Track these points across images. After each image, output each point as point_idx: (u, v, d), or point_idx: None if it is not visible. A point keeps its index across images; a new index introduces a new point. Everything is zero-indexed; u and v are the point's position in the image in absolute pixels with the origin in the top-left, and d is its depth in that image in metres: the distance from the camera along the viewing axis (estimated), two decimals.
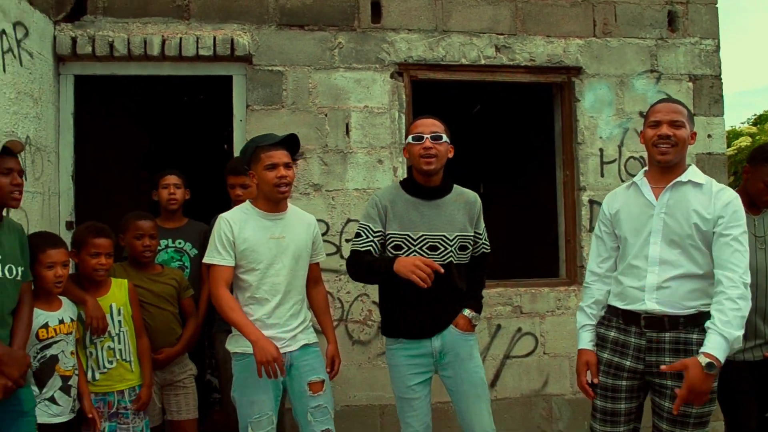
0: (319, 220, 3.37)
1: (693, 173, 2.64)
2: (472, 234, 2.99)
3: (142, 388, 3.20)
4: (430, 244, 2.87)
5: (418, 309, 2.86)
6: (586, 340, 2.76)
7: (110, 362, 3.11)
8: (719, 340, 2.37)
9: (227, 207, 3.66)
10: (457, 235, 2.91)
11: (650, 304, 2.57)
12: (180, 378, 3.46)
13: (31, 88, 3.60)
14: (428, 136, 2.86)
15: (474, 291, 3.03)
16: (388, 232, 2.91)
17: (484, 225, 3.07)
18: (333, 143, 4.08)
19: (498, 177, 7.96)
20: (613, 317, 2.71)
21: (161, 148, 7.42)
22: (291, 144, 2.98)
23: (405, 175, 4.15)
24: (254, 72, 4.04)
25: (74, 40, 3.88)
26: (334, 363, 3.09)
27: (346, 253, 4.01)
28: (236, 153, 4.05)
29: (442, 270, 2.70)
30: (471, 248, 2.99)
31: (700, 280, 2.56)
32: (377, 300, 4.02)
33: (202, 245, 3.75)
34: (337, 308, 4.01)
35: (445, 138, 2.90)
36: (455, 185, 3.04)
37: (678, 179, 2.62)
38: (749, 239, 2.66)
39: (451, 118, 3.35)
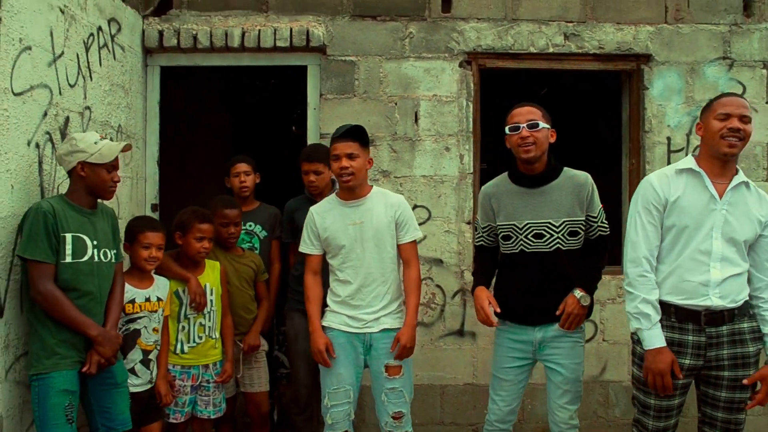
0: None
1: (743, 175, 2.75)
2: (584, 218, 2.97)
3: (225, 362, 3.49)
4: (535, 231, 2.96)
5: (524, 296, 2.99)
6: (662, 337, 2.67)
7: (200, 337, 3.40)
8: None
9: (299, 189, 3.88)
10: (565, 221, 2.95)
11: (715, 299, 2.64)
12: (253, 353, 3.72)
13: (122, 80, 3.87)
14: (524, 125, 2.91)
15: (586, 273, 2.99)
16: (497, 224, 3.04)
17: (600, 206, 3.03)
18: (402, 131, 4.23)
19: (566, 163, 7.93)
20: (663, 314, 2.71)
21: (242, 130, 7.69)
22: (358, 134, 3.12)
23: (471, 163, 4.27)
24: (328, 62, 4.21)
25: (161, 33, 4.14)
26: (399, 343, 3.09)
27: None
28: (309, 140, 4.26)
29: (495, 322, 2.95)
30: (583, 232, 2.99)
31: (745, 276, 2.71)
32: (440, 284, 4.22)
33: (272, 227, 3.99)
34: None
35: (542, 124, 2.92)
36: (565, 168, 3.04)
37: (739, 179, 2.71)
38: None
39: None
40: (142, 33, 4.14)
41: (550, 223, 2.94)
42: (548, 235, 2.95)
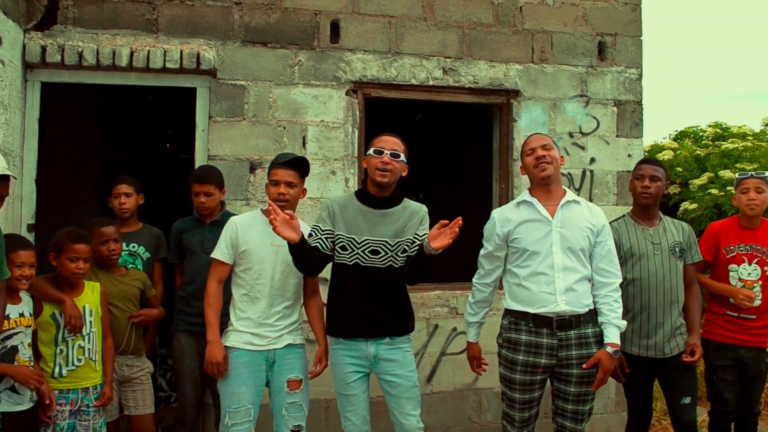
0: None
1: (572, 195, 3.24)
2: (412, 237, 3.24)
3: (105, 385, 3.43)
4: (372, 248, 3.19)
5: (355, 313, 3.20)
6: (475, 335, 3.46)
7: (79, 360, 3.33)
8: (614, 331, 3.12)
9: (185, 209, 3.91)
10: (399, 241, 3.22)
11: (562, 305, 3.09)
12: (138, 375, 3.72)
13: (1, 95, 3.75)
14: (388, 152, 3.17)
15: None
16: (337, 233, 3.21)
17: (427, 232, 3.26)
18: None
19: (439, 186, 8.35)
20: (521, 321, 3.18)
21: (114, 148, 7.48)
22: (300, 165, 3.33)
23: (356, 186, 4.48)
24: (218, 85, 4.28)
25: (44, 48, 4.03)
26: (321, 363, 3.38)
27: None
28: (198, 161, 4.30)
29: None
30: (409, 250, 3.24)
31: (588, 282, 3.18)
32: (326, 303, 4.38)
33: (155, 249, 3.99)
34: None
35: (402, 157, 3.22)
36: (406, 199, 3.34)
37: (566, 199, 3.20)
38: (648, 247, 3.48)
39: (398, 126, 3.67)
40: (23, 47, 4.02)
41: (386, 242, 3.21)
42: (383, 252, 3.20)
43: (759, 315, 3.73)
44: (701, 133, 8.74)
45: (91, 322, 3.39)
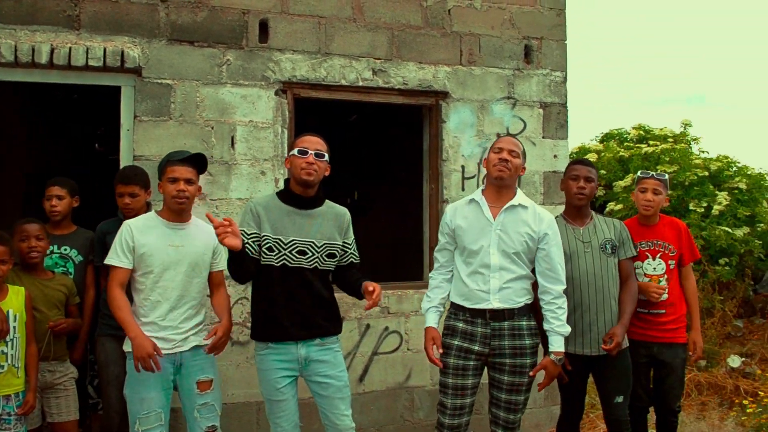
0: None
1: (521, 198, 3.31)
2: (341, 243, 3.31)
3: (28, 393, 3.34)
4: (299, 248, 3.20)
5: (284, 314, 3.18)
6: (432, 320, 3.38)
7: (1, 366, 3.23)
8: (559, 339, 3.25)
9: (109, 210, 3.83)
10: (325, 243, 3.25)
11: (495, 303, 3.21)
12: (61, 380, 3.62)
13: None
14: (312, 152, 3.19)
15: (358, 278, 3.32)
16: (263, 234, 3.19)
17: (353, 237, 3.42)
18: (219, 155, 4.33)
19: (373, 186, 8.40)
20: (460, 312, 3.31)
21: (40, 148, 7.26)
22: (198, 162, 3.28)
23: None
24: (143, 84, 4.20)
25: None
26: (217, 332, 3.20)
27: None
28: (123, 161, 4.21)
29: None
30: (338, 256, 3.32)
31: (526, 280, 3.28)
32: None
33: (87, 252, 3.90)
34: None
35: (326, 157, 3.25)
36: (327, 200, 3.36)
37: (511, 203, 3.27)
38: (578, 246, 3.54)
39: (330, 127, 3.68)
40: None
41: (313, 242, 3.23)
42: (310, 253, 3.23)
43: (668, 309, 3.82)
44: (625, 135, 9.04)
45: (14, 327, 3.30)
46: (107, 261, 3.21)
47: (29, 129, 7.31)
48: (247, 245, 3.12)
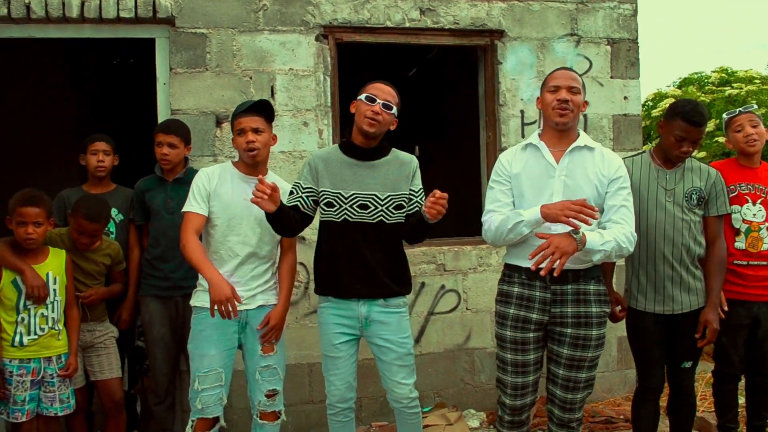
0: None
1: (586, 139, 2.88)
2: (407, 192, 3.03)
3: (70, 356, 3.29)
4: (360, 202, 2.95)
5: (346, 270, 2.95)
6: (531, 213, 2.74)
7: (42, 329, 3.19)
8: (596, 236, 2.66)
9: (150, 171, 3.70)
10: (390, 195, 2.98)
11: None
12: (101, 339, 3.54)
13: None
14: (381, 102, 2.91)
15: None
16: (321, 189, 2.98)
17: (421, 186, 3.09)
18: None
19: (432, 142, 8.08)
20: (515, 273, 2.88)
21: (91, 112, 7.28)
22: (264, 109, 3.08)
23: (330, 139, 4.22)
24: (177, 35, 4.00)
25: None
26: (270, 321, 3.07)
27: None
28: (160, 116, 4.05)
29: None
30: (406, 206, 3.03)
31: None
32: (303, 261, 4.15)
33: (128, 211, 3.78)
34: None
35: (394, 110, 2.97)
36: (394, 149, 3.09)
37: (576, 144, 2.83)
38: (658, 192, 3.07)
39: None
40: None
41: (375, 195, 2.97)
42: (373, 207, 2.96)
43: None
44: (706, 80, 8.39)
45: (55, 290, 3.23)
46: (186, 209, 3.04)
47: (80, 93, 7.35)
48: (299, 199, 2.96)
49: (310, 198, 2.99)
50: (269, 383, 3.09)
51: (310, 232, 4.15)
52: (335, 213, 2.96)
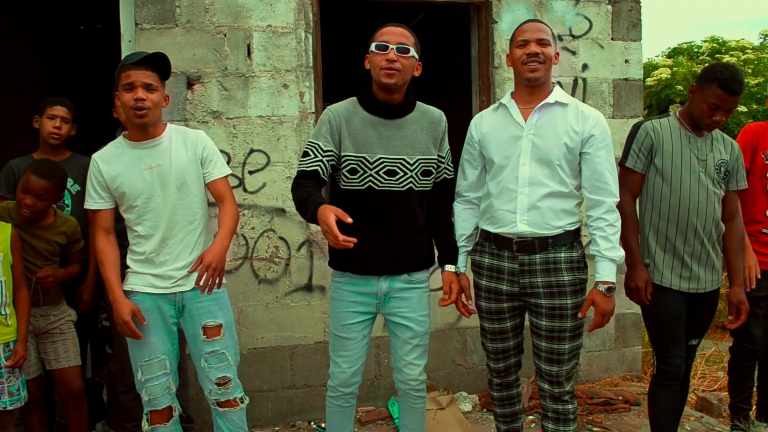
0: (221, 151, 3.09)
1: (559, 94, 2.65)
2: (436, 157, 2.73)
3: (17, 343, 2.94)
4: (388, 168, 2.62)
5: (370, 241, 2.58)
6: (459, 264, 2.84)
7: None
8: (609, 266, 2.59)
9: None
10: (419, 159, 2.66)
11: (522, 226, 2.61)
12: (56, 325, 3.20)
13: None
14: (394, 47, 2.55)
15: (447, 237, 2.83)
16: (342, 154, 2.62)
17: (448, 147, 2.80)
18: (233, 66, 3.74)
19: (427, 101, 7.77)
20: (486, 242, 2.76)
21: (55, 74, 6.87)
22: (159, 64, 2.67)
23: (312, 101, 3.88)
24: None
25: None
26: (203, 259, 2.58)
27: (250, 186, 3.78)
28: None
29: (350, 220, 2.29)
30: (435, 173, 2.75)
31: (567, 198, 2.63)
32: (284, 236, 3.84)
33: (84, 181, 3.43)
34: (241, 245, 3.77)
35: (413, 52, 2.59)
36: (418, 102, 2.75)
37: (545, 101, 2.62)
38: (692, 162, 2.84)
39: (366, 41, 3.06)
40: None
41: (404, 159, 2.64)
42: (402, 173, 2.64)
43: None
44: (696, 50, 8.14)
45: None
46: (87, 206, 2.75)
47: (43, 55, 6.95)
48: (319, 164, 2.59)
49: (330, 163, 2.62)
50: (218, 370, 2.76)
51: (291, 204, 3.84)
52: (359, 181, 2.62)
